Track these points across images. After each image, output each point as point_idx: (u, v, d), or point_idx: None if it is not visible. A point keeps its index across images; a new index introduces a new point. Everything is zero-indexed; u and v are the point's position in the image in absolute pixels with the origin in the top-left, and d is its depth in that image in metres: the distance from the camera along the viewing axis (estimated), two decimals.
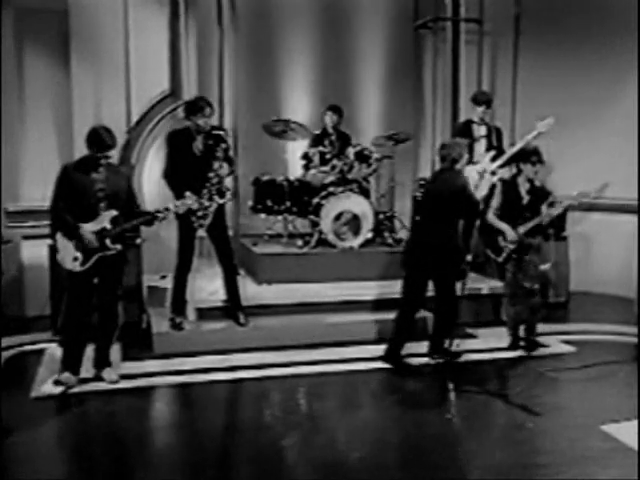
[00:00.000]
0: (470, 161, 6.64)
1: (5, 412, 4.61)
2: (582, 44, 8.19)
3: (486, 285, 6.94)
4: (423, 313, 6.43)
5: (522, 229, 5.85)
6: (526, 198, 5.94)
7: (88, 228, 4.98)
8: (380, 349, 5.81)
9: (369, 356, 5.80)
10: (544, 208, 5.89)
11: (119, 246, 5.12)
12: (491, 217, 5.98)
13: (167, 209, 5.31)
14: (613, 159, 7.95)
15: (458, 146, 5.67)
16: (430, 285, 5.72)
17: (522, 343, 6.07)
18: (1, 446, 4.25)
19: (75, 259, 5.02)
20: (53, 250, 5.42)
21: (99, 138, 4.93)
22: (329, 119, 7.66)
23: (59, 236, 5.07)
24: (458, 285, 5.72)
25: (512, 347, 6.08)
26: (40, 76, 7.28)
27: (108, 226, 5.04)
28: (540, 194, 5.96)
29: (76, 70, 7.13)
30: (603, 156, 8.03)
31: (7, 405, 4.75)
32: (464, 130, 7.19)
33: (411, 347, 5.79)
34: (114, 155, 5.19)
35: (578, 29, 8.19)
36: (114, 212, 5.06)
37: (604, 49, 8.07)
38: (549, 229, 6.20)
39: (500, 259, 5.97)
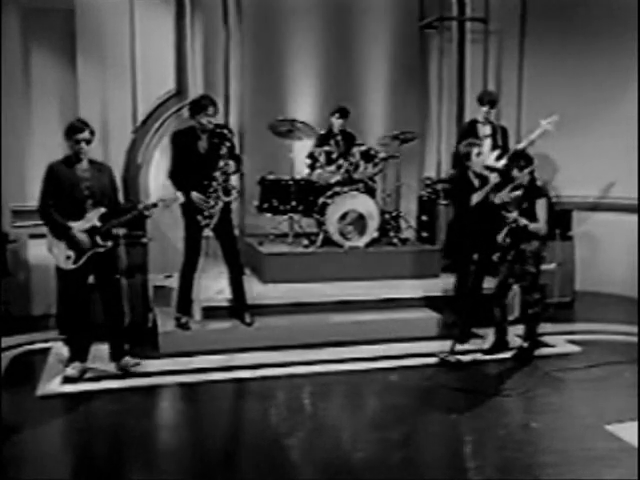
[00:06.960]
0: None
1: (11, 410, 4.64)
2: (587, 44, 8.18)
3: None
4: (428, 313, 6.47)
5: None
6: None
7: (78, 227, 5.03)
8: (385, 349, 5.87)
9: (375, 356, 5.80)
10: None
11: (109, 243, 5.17)
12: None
13: (155, 205, 5.34)
14: (619, 159, 7.93)
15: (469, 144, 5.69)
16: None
17: (524, 345, 5.88)
18: (7, 444, 4.25)
19: (68, 257, 5.07)
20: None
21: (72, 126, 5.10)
22: (336, 122, 7.60)
23: (50, 236, 5.11)
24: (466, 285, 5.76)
25: (495, 349, 5.94)
26: (46, 75, 7.30)
27: (98, 224, 5.08)
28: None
29: (82, 69, 7.15)
30: (609, 156, 8.00)
31: (13, 403, 4.78)
32: (469, 130, 7.17)
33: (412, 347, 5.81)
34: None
35: (583, 29, 8.17)
36: (102, 209, 5.11)
37: (609, 49, 8.06)
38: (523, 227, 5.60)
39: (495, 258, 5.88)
